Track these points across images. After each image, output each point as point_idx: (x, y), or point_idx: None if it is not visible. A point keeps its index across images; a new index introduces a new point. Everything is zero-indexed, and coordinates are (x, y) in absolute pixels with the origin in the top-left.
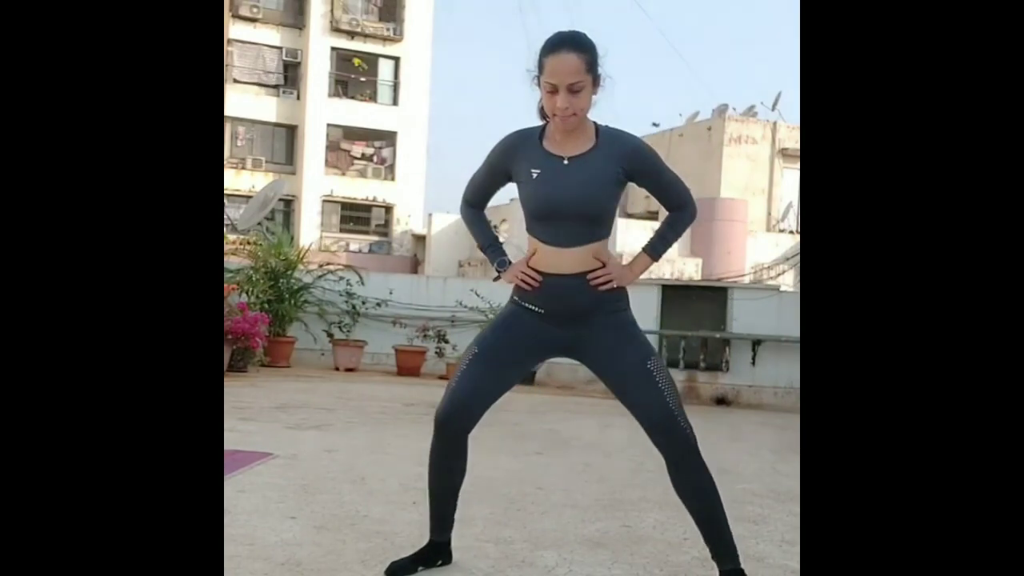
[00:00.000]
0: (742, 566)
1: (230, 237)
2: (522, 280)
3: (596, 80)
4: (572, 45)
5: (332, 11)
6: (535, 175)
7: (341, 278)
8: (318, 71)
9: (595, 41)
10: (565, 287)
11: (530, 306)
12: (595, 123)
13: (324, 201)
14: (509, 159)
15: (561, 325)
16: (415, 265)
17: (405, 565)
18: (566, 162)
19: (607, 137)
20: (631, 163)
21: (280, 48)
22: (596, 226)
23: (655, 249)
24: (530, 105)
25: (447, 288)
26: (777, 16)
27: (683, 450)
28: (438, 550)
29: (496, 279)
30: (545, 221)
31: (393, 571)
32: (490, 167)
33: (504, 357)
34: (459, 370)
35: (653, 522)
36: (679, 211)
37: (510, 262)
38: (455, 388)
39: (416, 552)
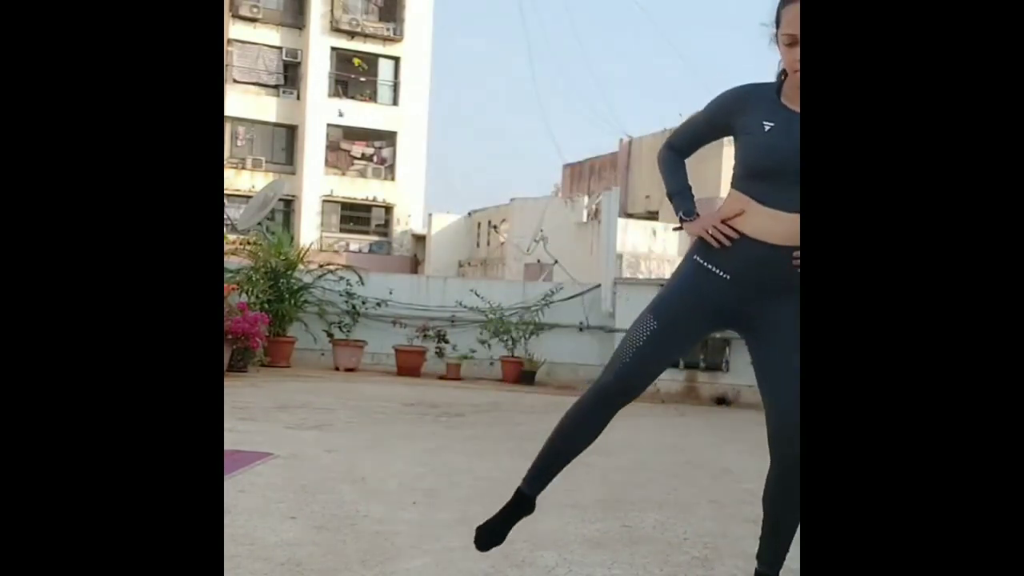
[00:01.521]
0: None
1: (230, 237)
2: (712, 235)
3: None
4: None
5: (332, 11)
6: (768, 127)
7: (341, 278)
8: (318, 71)
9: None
10: (766, 257)
11: (715, 269)
12: None
13: (324, 201)
14: (737, 110)
15: (747, 296)
16: (415, 265)
17: (496, 528)
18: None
19: None
20: None
21: (280, 48)
22: None
23: None
24: (532, 117)
25: (447, 288)
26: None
27: (793, 467)
28: (527, 504)
29: (677, 229)
30: (766, 179)
31: (486, 538)
32: (711, 116)
33: (681, 331)
34: (634, 343)
35: (653, 522)
36: None
37: (698, 214)
38: (628, 364)
39: (502, 510)
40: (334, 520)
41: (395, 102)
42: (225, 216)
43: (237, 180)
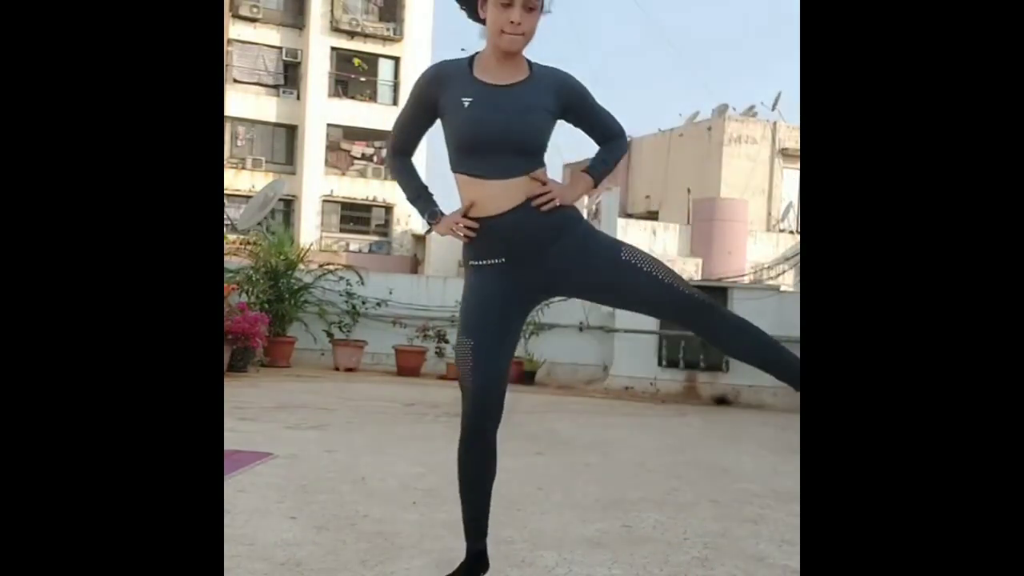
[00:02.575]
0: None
1: (230, 237)
2: (457, 231)
3: (543, 3)
4: None
5: (332, 11)
6: (467, 103)
7: (341, 278)
8: (318, 71)
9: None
10: (511, 223)
11: (488, 261)
12: (526, 58)
13: (324, 201)
14: (436, 90)
15: (528, 266)
16: (415, 265)
17: None
18: (500, 88)
19: (540, 70)
20: (564, 97)
21: (280, 48)
22: (531, 157)
23: (594, 170)
24: None
25: (447, 288)
26: (777, 16)
27: (701, 309)
28: (478, 559)
29: (428, 232)
30: (476, 153)
31: None
32: (415, 103)
33: (496, 330)
34: (466, 367)
35: (653, 522)
36: (615, 140)
37: (442, 213)
38: (472, 388)
39: (456, 570)
40: (334, 520)
41: (395, 102)
42: (225, 216)
43: (237, 180)
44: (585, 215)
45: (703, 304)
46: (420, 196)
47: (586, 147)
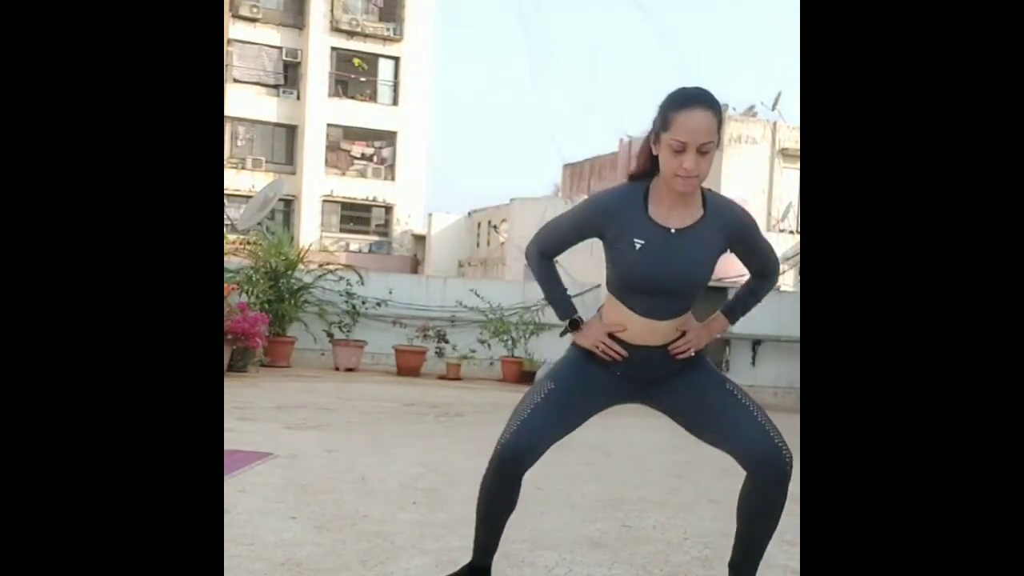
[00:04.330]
0: None
1: (230, 237)
2: (603, 353)
3: (718, 144)
4: (707, 103)
5: (332, 11)
6: (639, 246)
7: (341, 278)
8: (318, 71)
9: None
10: (647, 358)
11: (603, 367)
12: (702, 189)
13: (324, 201)
14: (608, 222)
15: (637, 387)
16: (415, 265)
17: None
18: (673, 232)
19: (714, 207)
20: (735, 235)
21: (280, 48)
22: (692, 300)
23: (733, 314)
24: (532, 117)
25: (447, 288)
26: (777, 16)
27: (775, 475)
28: (483, 572)
29: (563, 334)
30: (642, 294)
31: None
32: (581, 225)
33: (577, 401)
34: (531, 404)
35: (653, 522)
36: (764, 279)
37: (581, 320)
38: (526, 423)
39: (457, 572)
40: (334, 520)
41: (395, 102)
42: (225, 216)
43: (237, 180)
44: None
45: (784, 470)
46: (563, 301)
47: (587, 147)
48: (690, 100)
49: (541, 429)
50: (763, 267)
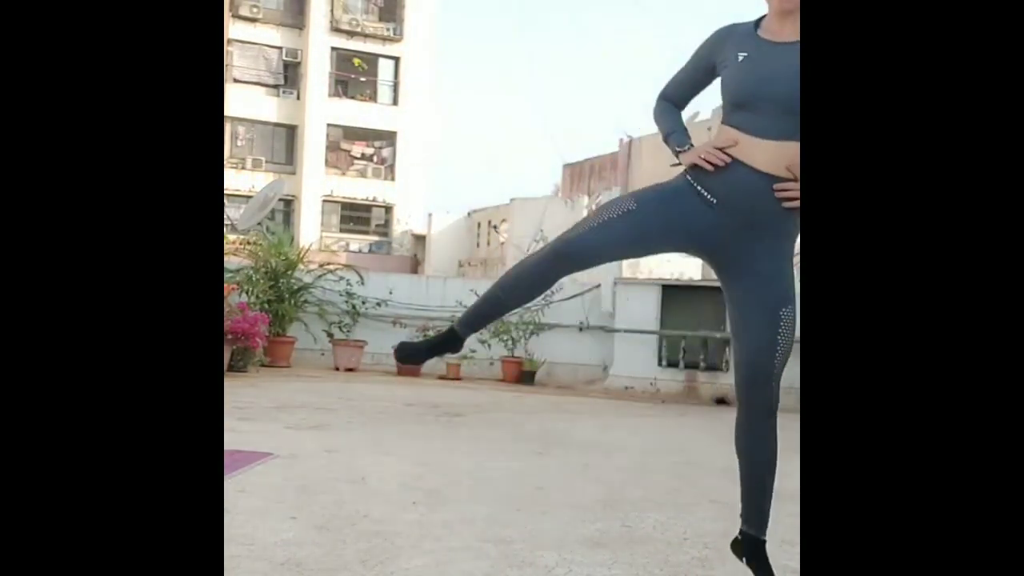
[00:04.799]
0: (766, 539)
1: (230, 237)
2: (706, 158)
3: None
4: None
5: (332, 11)
6: (741, 57)
7: (341, 278)
8: (318, 71)
9: None
10: (751, 183)
11: (704, 192)
12: None
13: (324, 201)
14: (717, 49)
15: (727, 223)
16: (415, 265)
17: (420, 350)
18: (778, 44)
19: None
20: None
21: (280, 48)
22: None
23: None
24: (532, 117)
25: (447, 288)
26: None
27: (764, 413)
28: (454, 341)
29: (675, 164)
30: (746, 109)
31: (407, 354)
32: (696, 61)
33: (653, 227)
34: (604, 216)
35: (653, 522)
36: None
37: (691, 145)
38: (594, 232)
39: (432, 339)
40: (334, 520)
41: (395, 102)
42: (225, 216)
43: (237, 180)
44: (585, 215)
45: (769, 409)
46: (676, 131)
47: (586, 148)
48: None
49: (605, 244)
50: None
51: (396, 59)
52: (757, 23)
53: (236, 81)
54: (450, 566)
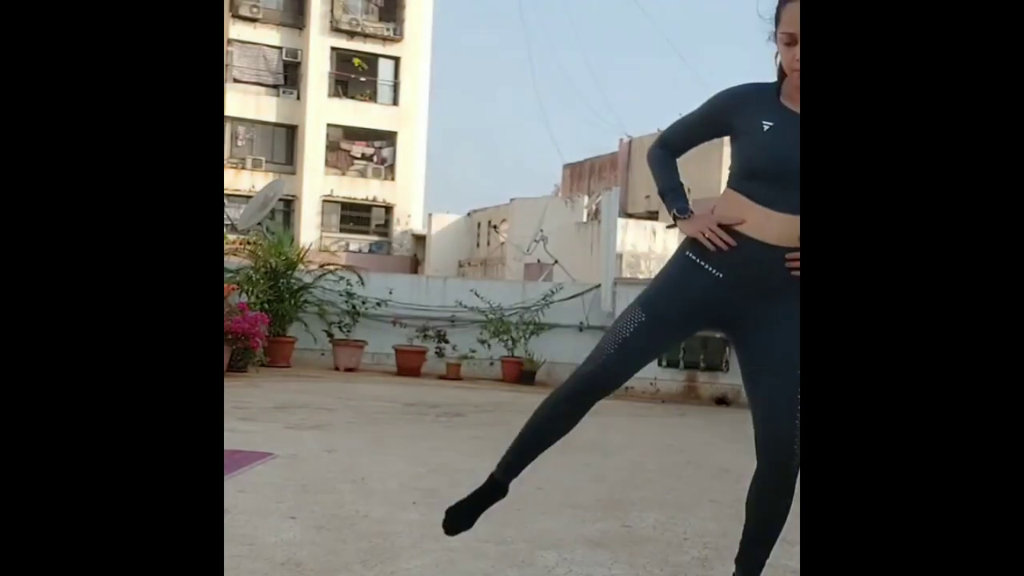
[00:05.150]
0: None
1: (230, 237)
2: (708, 238)
3: None
4: None
5: (332, 11)
6: (767, 127)
7: (341, 278)
8: (318, 71)
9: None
10: (761, 258)
11: (707, 266)
12: None
13: (324, 201)
14: (736, 110)
15: (737, 296)
16: (415, 265)
17: (466, 512)
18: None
19: None
20: None
21: (280, 48)
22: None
23: None
24: (532, 118)
25: (447, 288)
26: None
27: (785, 475)
28: (500, 490)
29: (671, 227)
30: (764, 180)
31: (455, 521)
32: (708, 114)
33: (668, 327)
34: (618, 334)
35: (653, 522)
36: None
37: (691, 211)
38: (611, 356)
39: (474, 495)
40: (334, 520)
41: (395, 102)
42: (225, 216)
43: (237, 180)
44: (584, 215)
45: (790, 471)
46: (673, 189)
47: (587, 147)
48: None
49: (627, 364)
50: None
51: (396, 59)
52: (777, 88)
53: (236, 81)
54: (450, 566)
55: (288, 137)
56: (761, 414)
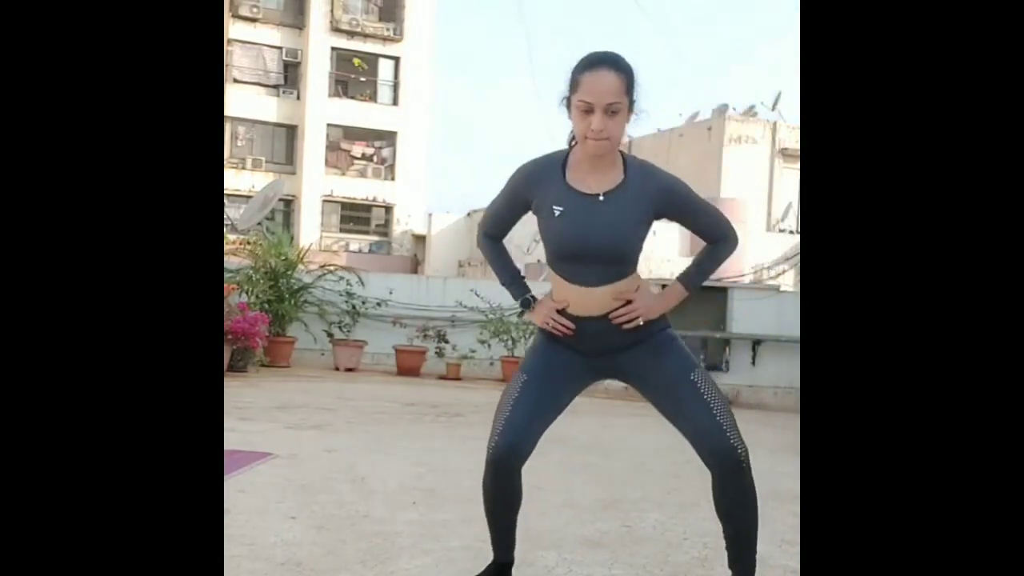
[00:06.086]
0: None
1: (230, 237)
2: (553, 328)
3: (631, 106)
4: (611, 64)
5: (332, 11)
6: (557, 212)
7: (341, 278)
8: (318, 71)
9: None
10: (595, 329)
11: (563, 345)
12: (623, 154)
13: (324, 201)
14: (530, 189)
15: (598, 357)
16: (415, 265)
17: None
18: (590, 197)
19: (636, 172)
20: (662, 203)
21: (280, 48)
22: (623, 265)
23: (691, 281)
24: (532, 118)
25: (447, 288)
26: (778, 16)
27: (730, 468)
28: (505, 569)
29: (520, 315)
30: (569, 261)
31: None
32: (510, 197)
33: (552, 386)
34: (510, 400)
35: (653, 522)
36: (720, 242)
37: (534, 299)
38: (510, 419)
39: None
40: (334, 520)
41: (395, 102)
42: (225, 216)
43: (237, 180)
44: None
45: (735, 463)
46: (514, 281)
47: None
48: (595, 62)
49: (526, 424)
50: (714, 230)
51: (396, 59)
52: (563, 163)
53: (236, 81)
54: (450, 566)
55: (288, 137)
56: (690, 434)
